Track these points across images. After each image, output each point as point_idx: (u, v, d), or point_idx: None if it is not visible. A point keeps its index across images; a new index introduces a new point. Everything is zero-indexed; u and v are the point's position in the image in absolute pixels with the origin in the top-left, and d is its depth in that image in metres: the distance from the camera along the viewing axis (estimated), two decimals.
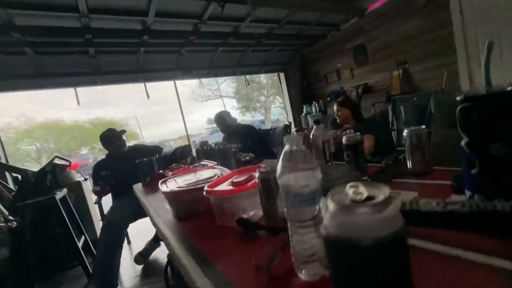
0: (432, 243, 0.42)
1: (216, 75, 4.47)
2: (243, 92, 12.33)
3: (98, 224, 2.59)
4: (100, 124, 19.00)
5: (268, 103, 13.17)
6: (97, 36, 2.62)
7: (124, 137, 2.36)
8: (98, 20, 2.44)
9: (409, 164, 0.79)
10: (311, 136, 1.01)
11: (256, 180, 0.52)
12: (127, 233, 2.58)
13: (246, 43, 3.64)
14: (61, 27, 2.39)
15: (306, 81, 5.29)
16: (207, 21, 2.87)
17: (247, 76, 4.91)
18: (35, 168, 2.25)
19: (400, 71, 3.66)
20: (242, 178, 0.64)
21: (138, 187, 1.59)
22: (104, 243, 1.74)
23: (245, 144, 2.24)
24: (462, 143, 0.49)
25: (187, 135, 4.55)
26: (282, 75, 5.23)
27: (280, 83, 5.39)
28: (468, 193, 0.50)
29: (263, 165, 0.83)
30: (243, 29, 3.30)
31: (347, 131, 1.85)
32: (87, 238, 2.21)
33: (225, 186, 0.67)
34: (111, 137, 2.23)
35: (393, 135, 3.48)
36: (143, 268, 2.05)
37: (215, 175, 0.87)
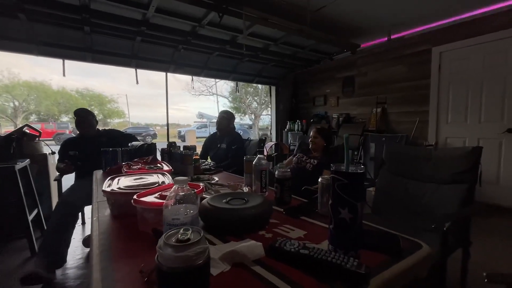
0: (272, 275, 0.54)
1: (208, 75, 4.56)
2: (238, 94, 12.45)
3: (55, 200, 2.60)
4: (88, 95, 18.57)
5: (259, 110, 13.34)
6: (95, 17, 2.67)
7: (91, 117, 2.35)
8: (98, 3, 2.50)
9: (319, 205, 0.93)
10: (253, 164, 1.14)
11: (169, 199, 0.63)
12: (83, 214, 2.62)
13: (242, 53, 3.77)
14: (58, 1, 2.43)
15: (295, 99, 5.48)
16: (205, 26, 2.98)
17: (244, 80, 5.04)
18: (8, 126, 2.26)
19: (378, 109, 3.90)
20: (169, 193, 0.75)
21: (97, 174, 1.66)
22: (56, 219, 1.78)
23: (230, 147, 2.46)
24: (329, 203, 0.62)
25: (167, 127, 4.60)
26: (273, 88, 5.40)
27: (270, 95, 5.55)
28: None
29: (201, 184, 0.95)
30: (240, 40, 3.43)
31: (312, 160, 2.01)
32: (40, 212, 2.23)
33: (151, 198, 0.78)
34: (82, 117, 2.26)
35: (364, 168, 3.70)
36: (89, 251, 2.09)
37: (156, 183, 0.98)
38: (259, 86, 12.44)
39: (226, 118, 2.60)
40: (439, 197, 1.51)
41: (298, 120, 5.16)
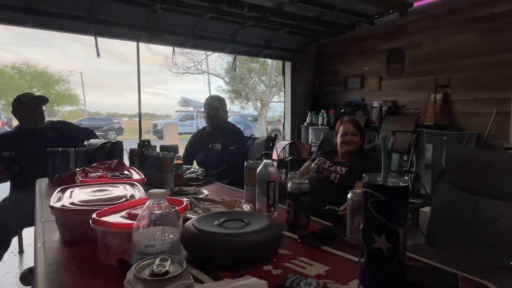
0: None
1: (197, 46, 4.61)
2: (238, 72, 12.51)
3: None
4: (29, 73, 18.89)
5: (268, 95, 13.38)
6: None
7: (44, 108, 2.46)
8: None
9: (347, 231, 0.95)
10: (257, 172, 1.17)
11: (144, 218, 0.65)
12: (21, 239, 2.68)
13: (244, 15, 3.80)
14: None
15: (319, 80, 5.50)
16: None
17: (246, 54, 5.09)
18: None
19: (438, 96, 3.89)
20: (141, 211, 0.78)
21: (42, 183, 1.71)
22: None
23: (227, 147, 2.51)
24: (361, 227, 0.64)
25: (140, 118, 4.67)
26: (288, 65, 5.43)
27: (284, 75, 5.58)
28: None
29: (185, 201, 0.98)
30: None
31: (338, 168, 2.02)
32: None
33: (116, 217, 0.81)
34: (25, 105, 2.32)
35: (409, 181, 3.70)
36: None
37: (123, 197, 1.01)
38: (268, 61, 12.47)
39: (219, 108, 2.62)
40: None
41: (323, 110, 5.18)
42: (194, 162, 2.71)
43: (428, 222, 1.80)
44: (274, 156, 4.61)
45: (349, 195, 0.94)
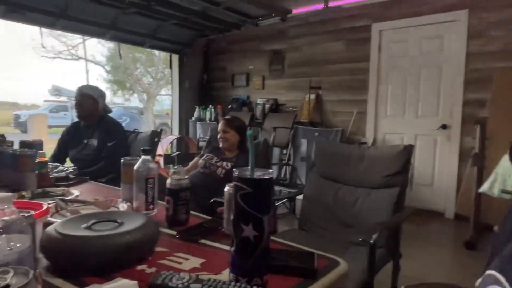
0: None
1: (70, 29, 4.12)
2: (121, 61, 11.64)
3: None
4: None
5: (155, 87, 12.86)
6: None
7: None
8: None
9: (224, 223, 0.99)
10: (134, 169, 1.12)
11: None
12: None
13: (125, 0, 3.55)
14: None
15: (207, 75, 5.53)
16: None
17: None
18: None
19: (312, 96, 4.35)
20: None
21: None
22: None
23: (104, 143, 2.32)
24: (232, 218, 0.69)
25: None
26: (175, 57, 5.31)
27: (171, 68, 5.43)
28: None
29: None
30: None
31: (224, 163, 2.08)
32: None
33: None
34: None
35: (286, 172, 4.06)
36: None
37: None
38: (156, 52, 11.95)
39: (90, 97, 2.39)
40: (370, 204, 1.82)
41: (211, 106, 5.23)
42: (68, 159, 2.44)
43: (300, 209, 2.02)
44: (160, 151, 4.47)
45: (225, 189, 0.98)
